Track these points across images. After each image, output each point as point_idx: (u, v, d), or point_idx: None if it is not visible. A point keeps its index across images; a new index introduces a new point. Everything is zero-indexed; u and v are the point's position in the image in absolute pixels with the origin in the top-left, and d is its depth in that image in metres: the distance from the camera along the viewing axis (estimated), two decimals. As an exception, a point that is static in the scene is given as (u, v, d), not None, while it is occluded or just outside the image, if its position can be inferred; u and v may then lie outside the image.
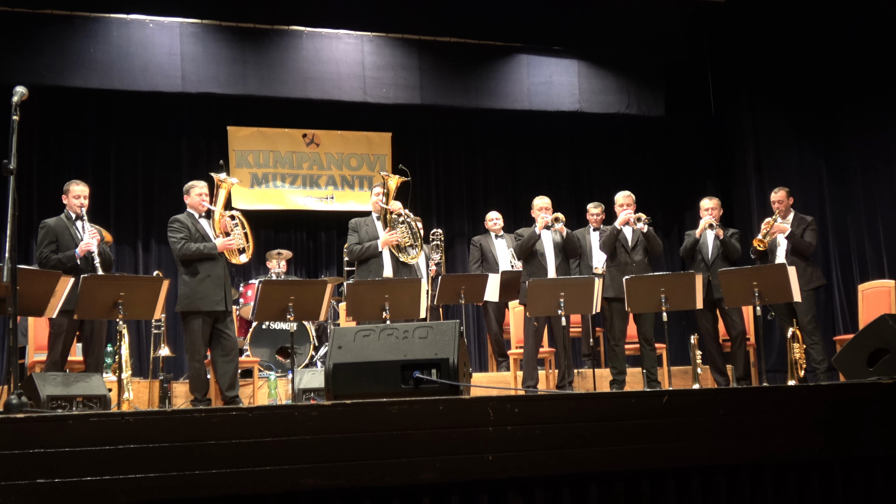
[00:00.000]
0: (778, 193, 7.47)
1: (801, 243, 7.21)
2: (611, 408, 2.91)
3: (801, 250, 7.19)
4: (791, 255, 7.23)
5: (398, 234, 6.93)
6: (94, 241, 6.31)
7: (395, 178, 6.99)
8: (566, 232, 7.23)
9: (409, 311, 6.31)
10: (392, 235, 6.91)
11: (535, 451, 2.81)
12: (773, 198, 7.47)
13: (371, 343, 3.73)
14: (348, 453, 2.69)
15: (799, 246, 7.21)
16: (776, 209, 7.39)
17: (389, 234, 6.91)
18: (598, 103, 10.55)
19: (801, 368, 6.72)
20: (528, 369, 7.14)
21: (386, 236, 6.90)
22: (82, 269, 6.19)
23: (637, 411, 2.91)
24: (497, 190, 11.04)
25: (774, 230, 7.28)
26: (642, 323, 7.22)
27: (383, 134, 10.67)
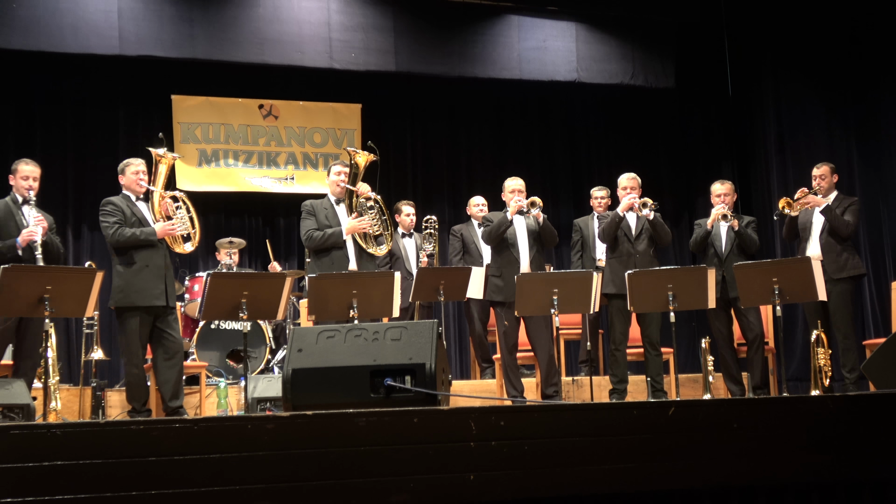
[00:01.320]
0: (821, 168, 7.49)
1: (839, 221, 7.21)
2: (610, 421, 2.92)
3: (837, 228, 7.20)
4: (827, 235, 7.25)
5: (367, 221, 6.91)
6: (38, 230, 6.24)
7: (364, 156, 6.96)
8: (543, 218, 7.22)
9: (380, 310, 6.30)
10: (360, 222, 6.88)
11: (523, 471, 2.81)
12: (815, 172, 7.47)
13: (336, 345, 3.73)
14: (308, 473, 2.69)
15: (836, 223, 7.20)
16: (817, 186, 7.40)
17: (357, 221, 6.88)
18: (598, 72, 10.57)
19: (826, 377, 6.77)
20: (507, 377, 7.16)
21: (353, 222, 6.87)
22: (25, 262, 6.14)
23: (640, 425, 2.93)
24: (483, 172, 11.04)
25: (809, 199, 7.30)
26: (647, 324, 7.25)
27: (352, 105, 10.64)
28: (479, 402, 6.60)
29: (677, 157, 11.51)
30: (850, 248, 7.31)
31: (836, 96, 10.07)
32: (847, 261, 7.23)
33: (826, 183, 7.43)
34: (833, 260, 7.19)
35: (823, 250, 7.26)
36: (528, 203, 7.18)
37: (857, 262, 7.32)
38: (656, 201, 7.30)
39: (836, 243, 7.23)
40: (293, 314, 8.73)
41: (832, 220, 7.23)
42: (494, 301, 7.21)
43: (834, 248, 7.20)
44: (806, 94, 10.27)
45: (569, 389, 7.79)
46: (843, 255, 7.22)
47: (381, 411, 2.80)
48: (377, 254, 7.02)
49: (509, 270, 7.09)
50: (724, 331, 7.40)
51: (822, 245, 7.28)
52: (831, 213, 7.25)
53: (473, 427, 2.80)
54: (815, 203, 7.33)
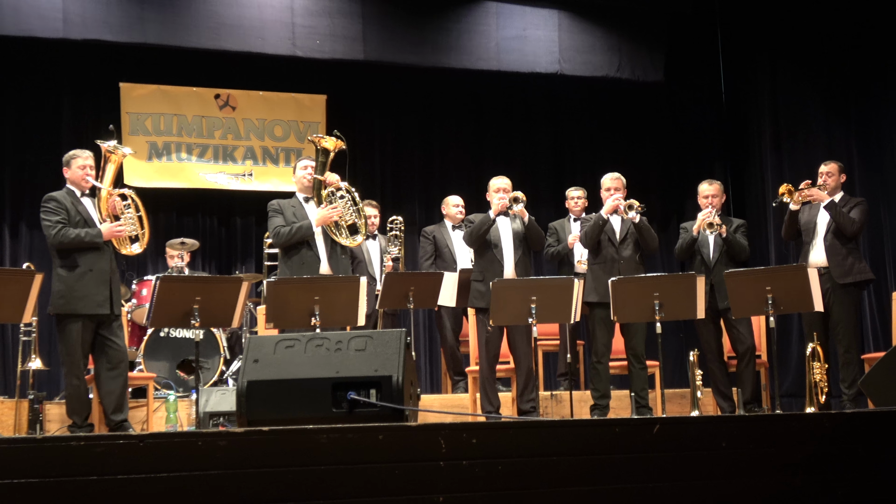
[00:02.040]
0: (829, 165, 7.52)
1: (845, 218, 7.23)
2: (591, 438, 2.93)
3: (842, 226, 7.22)
4: (832, 236, 7.29)
5: (339, 210, 6.89)
6: None
7: (332, 140, 6.94)
8: (529, 218, 7.24)
9: (344, 317, 6.29)
10: (331, 210, 6.86)
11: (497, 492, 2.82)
12: (823, 169, 7.48)
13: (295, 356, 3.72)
14: (265, 494, 2.68)
15: (841, 221, 7.23)
16: (822, 184, 7.41)
17: (327, 210, 6.85)
18: (582, 64, 10.62)
19: (822, 393, 6.82)
20: (485, 390, 7.16)
21: (323, 211, 6.84)
22: None
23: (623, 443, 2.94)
24: (457, 170, 11.05)
25: (812, 192, 7.32)
26: (631, 335, 7.27)
27: (316, 97, 10.62)
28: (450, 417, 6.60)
29: (666, 155, 11.58)
30: (856, 252, 7.34)
31: (836, 93, 10.14)
32: (853, 265, 7.26)
33: (833, 181, 7.45)
34: (838, 263, 7.22)
35: (828, 253, 7.28)
36: (510, 198, 7.18)
37: (864, 267, 7.36)
38: (643, 203, 7.32)
39: (842, 245, 7.27)
40: (250, 322, 8.69)
41: (837, 216, 7.25)
42: (477, 307, 7.22)
43: (839, 250, 7.25)
44: (804, 90, 10.35)
45: (547, 405, 7.81)
46: (848, 259, 7.26)
47: (343, 427, 2.80)
48: (351, 244, 6.99)
49: (493, 274, 7.10)
50: (714, 343, 7.44)
51: (827, 247, 7.29)
52: (836, 209, 7.27)
53: (443, 445, 2.80)
54: (818, 198, 7.35)
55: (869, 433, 3.13)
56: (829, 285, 7.23)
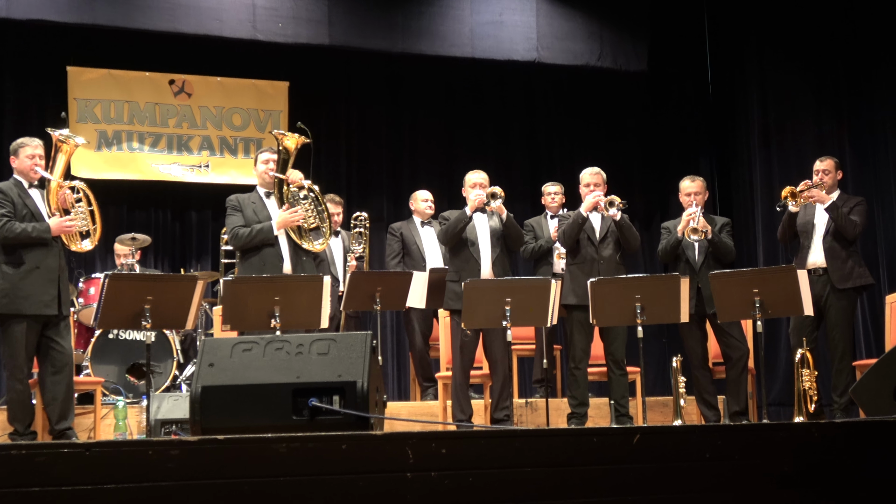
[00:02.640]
0: (825, 162, 7.57)
1: (846, 220, 7.28)
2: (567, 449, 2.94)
3: (843, 229, 7.28)
4: (832, 238, 7.33)
5: (301, 213, 6.88)
6: None
7: (294, 138, 6.93)
8: (507, 215, 7.25)
9: (306, 319, 6.28)
10: (293, 214, 6.85)
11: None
12: (819, 166, 7.54)
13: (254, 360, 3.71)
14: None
15: (842, 223, 7.27)
16: (819, 182, 7.45)
17: (289, 213, 6.84)
18: (561, 52, 10.64)
19: (811, 401, 6.88)
20: (457, 397, 7.17)
21: (284, 215, 6.83)
22: None
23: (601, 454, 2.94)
24: (428, 163, 11.05)
25: (813, 193, 7.36)
26: (611, 340, 7.30)
27: (278, 83, 10.59)
28: (418, 426, 6.59)
29: (649, 149, 11.63)
30: (856, 255, 7.40)
31: (827, 84, 10.21)
32: (853, 269, 7.31)
33: (830, 179, 7.50)
34: (838, 267, 7.27)
35: (827, 256, 7.33)
36: (488, 194, 7.19)
37: (864, 271, 7.42)
38: (625, 200, 7.34)
39: (842, 248, 7.31)
40: (205, 323, 8.66)
41: (838, 219, 7.30)
42: (452, 309, 7.21)
43: (839, 253, 7.29)
44: (794, 82, 10.41)
45: (521, 413, 7.82)
46: (848, 263, 7.30)
47: (304, 436, 2.79)
48: (314, 249, 6.99)
49: (469, 274, 7.10)
50: (699, 349, 7.47)
51: (826, 250, 7.34)
52: (837, 211, 7.31)
53: (411, 455, 2.80)
54: (820, 199, 7.38)
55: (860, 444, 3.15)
56: (826, 289, 7.28)
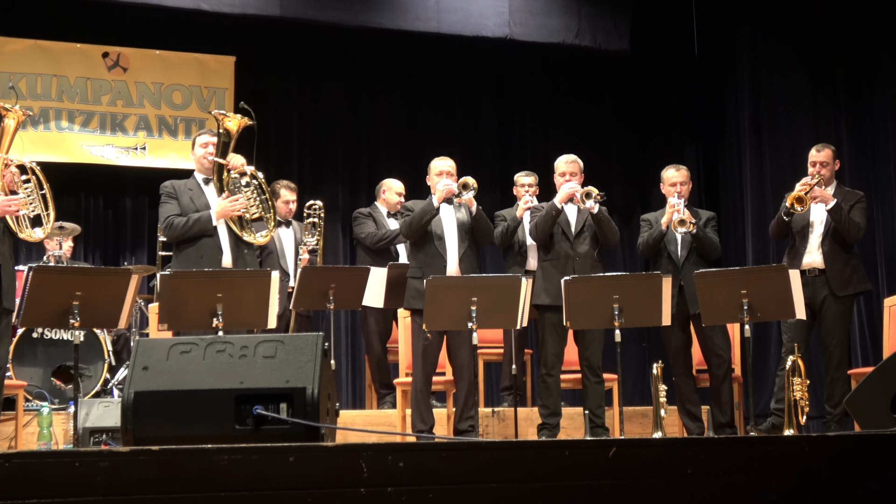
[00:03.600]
0: (822, 152, 7.53)
1: (850, 223, 7.28)
2: (537, 463, 2.94)
3: (846, 232, 7.28)
4: (831, 241, 7.34)
5: (242, 202, 6.85)
6: None
7: (236, 120, 6.90)
8: (476, 208, 7.25)
9: (251, 318, 6.26)
10: (233, 203, 6.82)
11: (427, 524, 2.82)
12: (815, 157, 7.51)
13: (193, 363, 3.69)
14: (153, 523, 2.65)
15: (845, 226, 7.27)
16: (817, 175, 7.43)
17: (229, 202, 6.81)
18: (535, 29, 10.66)
19: (802, 413, 6.93)
20: (418, 405, 7.16)
21: (224, 203, 6.81)
22: None
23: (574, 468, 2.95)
24: (389, 147, 11.05)
25: (816, 193, 7.33)
26: (586, 344, 7.32)
27: (223, 58, 10.55)
28: (374, 437, 6.58)
29: (630, 136, 11.68)
30: (856, 258, 7.44)
31: (824, 66, 10.27)
32: (853, 275, 7.32)
33: (828, 171, 7.48)
34: (838, 272, 7.27)
35: (827, 260, 7.34)
36: (460, 184, 7.18)
37: (864, 276, 7.47)
38: (603, 191, 7.35)
39: (842, 251, 7.32)
40: (139, 322, 8.62)
41: (840, 221, 7.29)
42: (414, 309, 7.20)
43: (839, 257, 7.30)
44: (788, 63, 10.45)
45: (488, 423, 7.84)
46: (848, 268, 7.31)
47: (248, 447, 2.78)
48: (257, 242, 6.98)
49: (434, 270, 7.10)
50: (681, 354, 7.50)
51: (826, 253, 7.35)
52: (840, 212, 7.29)
53: (365, 469, 2.79)
54: (824, 198, 7.33)
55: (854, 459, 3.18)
56: (821, 293, 7.31)
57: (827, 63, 10.27)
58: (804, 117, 10.28)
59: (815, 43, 10.32)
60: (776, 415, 7.33)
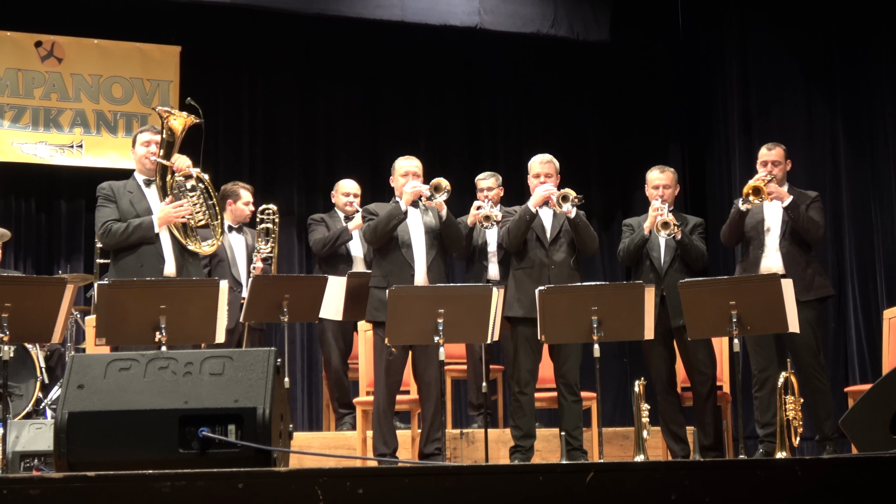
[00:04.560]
0: (773, 150, 7.57)
1: (808, 221, 7.32)
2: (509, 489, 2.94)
3: (806, 232, 7.31)
4: (789, 242, 7.36)
5: (187, 208, 6.83)
6: None
7: (182, 118, 6.88)
8: (446, 212, 7.25)
9: (198, 332, 6.24)
10: (177, 209, 6.80)
11: (388, 556, 2.82)
12: (767, 156, 7.54)
13: (133, 381, 3.68)
14: (88, 557, 2.64)
15: (804, 225, 7.30)
16: (770, 173, 7.43)
17: (172, 208, 6.79)
18: (508, 17, 10.68)
19: (795, 434, 6.96)
20: (380, 427, 7.15)
21: (167, 209, 6.78)
22: None
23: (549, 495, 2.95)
24: (349, 145, 11.03)
25: (771, 190, 7.35)
26: (562, 359, 7.32)
27: (167, 48, 10.51)
28: (332, 461, 6.57)
29: (610, 134, 11.70)
30: (816, 261, 7.47)
31: (818, 57, 10.32)
32: (814, 278, 7.33)
33: (780, 171, 7.51)
34: (798, 276, 7.23)
35: (786, 263, 7.34)
36: (431, 186, 7.17)
37: (825, 281, 7.50)
38: (581, 194, 7.35)
39: (802, 253, 7.35)
40: (75, 336, 8.56)
41: (798, 219, 7.31)
42: (378, 321, 7.18)
43: (798, 260, 7.32)
44: (780, 53, 10.46)
45: (456, 446, 7.83)
46: (808, 271, 7.32)
47: (193, 473, 2.77)
48: (202, 252, 6.96)
49: (401, 279, 7.08)
50: (665, 371, 7.52)
51: (784, 255, 7.36)
52: (798, 210, 7.33)
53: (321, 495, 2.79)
54: (779, 195, 7.38)
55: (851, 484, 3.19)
56: None
57: (822, 54, 10.31)
58: (797, 113, 10.32)
59: (809, 32, 10.35)
60: (767, 441, 7.31)
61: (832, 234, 9.84)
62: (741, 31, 10.79)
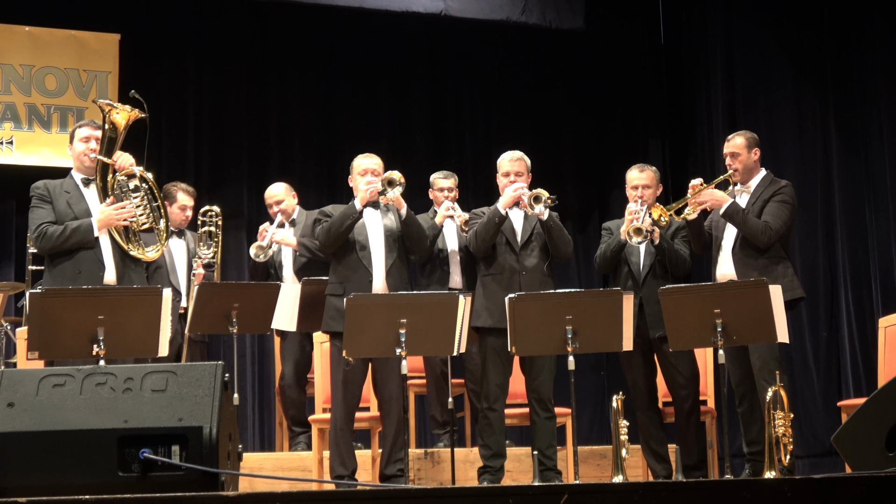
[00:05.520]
0: (731, 142, 7.56)
1: (749, 224, 7.24)
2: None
3: (751, 235, 7.24)
4: (741, 245, 7.32)
5: (130, 210, 6.80)
6: None
7: (126, 112, 6.86)
8: (405, 210, 7.24)
9: (139, 345, 6.23)
10: (119, 212, 6.77)
11: (346, 587, 2.82)
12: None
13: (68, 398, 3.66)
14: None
15: (745, 228, 7.25)
16: (730, 167, 7.46)
17: (114, 210, 6.76)
18: (475, 3, 10.73)
19: (785, 452, 6.99)
20: (337, 446, 7.13)
21: (108, 211, 6.75)
22: None
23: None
24: (303, 142, 11.01)
25: (704, 198, 7.35)
26: (535, 373, 7.33)
27: (106, 35, 10.48)
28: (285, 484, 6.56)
29: (586, 130, 11.73)
30: (777, 260, 7.33)
31: (809, 46, 10.36)
32: (777, 278, 7.26)
33: (739, 163, 7.48)
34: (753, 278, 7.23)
35: (738, 267, 7.33)
36: (383, 181, 7.15)
37: (793, 282, 7.33)
38: (554, 194, 7.35)
39: (757, 257, 7.27)
40: (5, 349, 8.52)
41: (741, 226, 7.27)
42: (334, 332, 7.16)
43: (749, 263, 7.27)
44: (767, 45, 10.51)
45: (420, 467, 7.83)
46: (767, 271, 7.22)
47: (134, 498, 2.76)
48: (145, 258, 6.93)
49: (357, 286, 7.07)
50: (644, 384, 7.54)
51: (737, 260, 7.34)
52: (740, 215, 7.28)
53: (273, 523, 2.79)
54: (714, 202, 7.38)
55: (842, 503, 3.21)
56: None
57: (812, 44, 10.35)
58: (786, 108, 10.36)
59: (798, 20, 10.40)
60: (754, 460, 7.33)
61: (823, 236, 9.90)
62: (726, 20, 10.84)
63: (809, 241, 9.94)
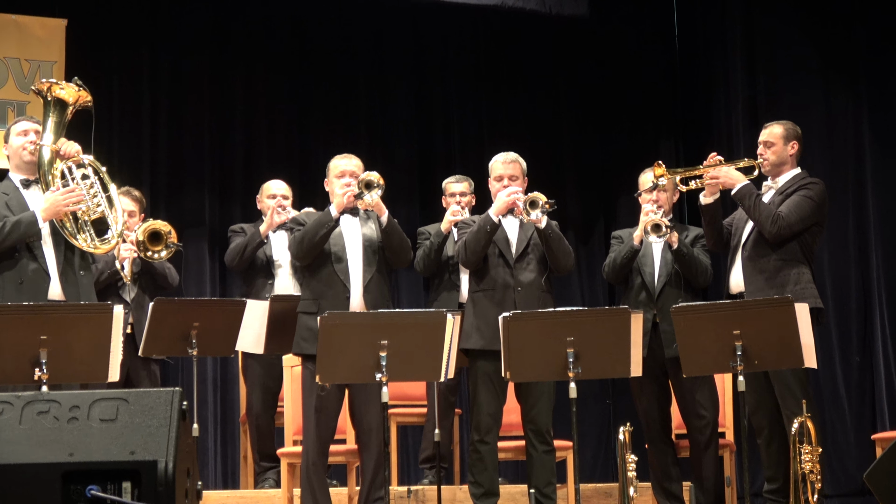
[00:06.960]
0: (769, 129, 7.54)
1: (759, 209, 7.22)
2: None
3: (759, 224, 7.22)
4: (752, 245, 7.32)
5: (78, 194, 6.78)
6: None
7: (72, 90, 6.87)
8: (386, 216, 7.24)
9: (86, 369, 6.23)
10: (66, 196, 6.74)
11: None
12: (763, 136, 7.52)
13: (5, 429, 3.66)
14: None
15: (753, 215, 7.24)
16: (761, 156, 7.43)
17: (61, 194, 6.72)
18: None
19: (813, 491, 6.97)
20: (310, 483, 7.13)
21: (55, 197, 6.72)
22: None
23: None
24: (273, 141, 11.02)
25: (717, 174, 7.37)
26: (532, 401, 7.34)
27: (51, 21, 10.49)
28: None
29: (590, 128, 11.75)
30: (793, 264, 7.29)
31: (839, 39, 10.39)
32: (783, 288, 7.23)
33: (773, 154, 7.49)
34: (758, 289, 7.22)
35: (745, 267, 7.34)
36: (360, 183, 7.13)
37: (805, 289, 7.26)
38: (553, 199, 7.36)
39: (767, 260, 7.25)
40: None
41: (749, 208, 7.25)
42: (307, 354, 7.15)
43: (759, 262, 7.27)
44: (792, 33, 10.54)
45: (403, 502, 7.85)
46: (779, 276, 7.27)
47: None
48: (97, 250, 6.90)
49: (333, 302, 7.06)
50: (657, 414, 7.55)
51: (745, 259, 7.35)
52: (751, 197, 7.25)
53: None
54: (728, 181, 7.36)
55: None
56: None
57: (843, 36, 10.39)
58: (814, 106, 10.36)
59: (827, 7, 10.43)
60: (773, 500, 7.31)
61: (855, 249, 9.91)
62: (746, 7, 10.84)
63: (840, 253, 9.94)
